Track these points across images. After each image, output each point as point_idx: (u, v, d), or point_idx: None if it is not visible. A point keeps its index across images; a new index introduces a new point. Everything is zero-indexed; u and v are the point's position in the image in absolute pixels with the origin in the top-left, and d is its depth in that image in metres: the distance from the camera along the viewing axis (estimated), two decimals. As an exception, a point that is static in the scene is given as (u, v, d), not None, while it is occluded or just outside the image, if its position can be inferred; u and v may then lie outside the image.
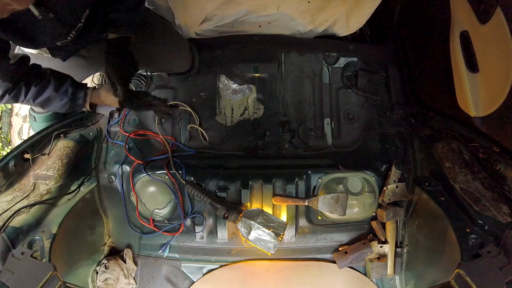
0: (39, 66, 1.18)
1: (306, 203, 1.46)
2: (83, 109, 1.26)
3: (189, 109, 1.63)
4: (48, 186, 1.33)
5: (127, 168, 1.51)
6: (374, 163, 1.57)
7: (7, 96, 1.12)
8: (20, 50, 1.35)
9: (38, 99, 1.16)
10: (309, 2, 1.65)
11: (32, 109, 1.65)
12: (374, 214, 1.53)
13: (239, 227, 1.37)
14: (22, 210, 1.18)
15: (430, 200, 1.35)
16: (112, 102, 1.26)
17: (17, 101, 1.16)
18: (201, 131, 1.62)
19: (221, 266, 1.52)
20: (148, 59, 1.39)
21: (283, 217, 1.48)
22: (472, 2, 1.21)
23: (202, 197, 1.40)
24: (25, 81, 1.13)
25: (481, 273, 0.97)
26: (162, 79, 1.69)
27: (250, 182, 1.47)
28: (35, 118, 1.63)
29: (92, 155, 1.57)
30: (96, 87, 1.30)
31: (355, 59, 1.74)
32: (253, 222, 1.34)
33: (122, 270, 1.49)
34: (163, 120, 1.61)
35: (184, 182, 1.42)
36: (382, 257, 1.51)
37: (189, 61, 1.58)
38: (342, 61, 1.74)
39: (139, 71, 1.68)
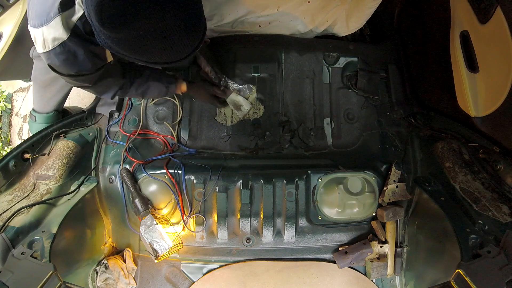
0: (136, 63, 1.35)
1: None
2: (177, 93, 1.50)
3: (177, 102, 1.64)
4: (48, 186, 1.33)
5: (127, 168, 1.51)
6: (374, 163, 1.57)
7: (119, 91, 1.33)
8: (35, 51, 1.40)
9: (140, 89, 1.38)
10: (309, 2, 1.65)
11: (34, 110, 1.65)
12: (374, 214, 1.53)
13: (142, 223, 1.43)
14: (22, 210, 1.18)
15: (430, 200, 1.35)
16: (205, 98, 1.58)
17: (125, 94, 1.37)
18: (171, 131, 1.62)
19: (221, 266, 1.52)
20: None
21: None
22: (472, 2, 1.21)
23: (129, 185, 1.45)
24: (129, 76, 1.35)
25: (481, 273, 0.97)
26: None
27: (250, 182, 1.47)
28: (35, 118, 1.64)
29: (92, 155, 1.57)
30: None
31: (355, 59, 1.74)
32: (155, 222, 1.44)
33: (122, 270, 1.49)
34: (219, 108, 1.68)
35: (122, 167, 1.49)
36: (382, 257, 1.51)
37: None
38: (342, 61, 1.74)
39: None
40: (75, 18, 0.94)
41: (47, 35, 0.92)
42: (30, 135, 1.48)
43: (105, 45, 0.87)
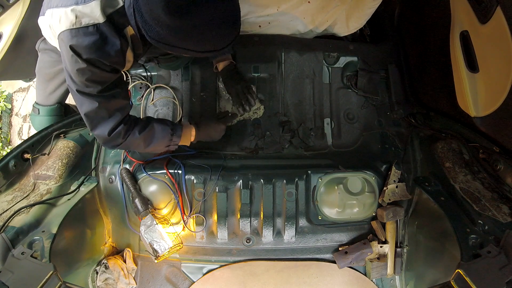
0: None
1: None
2: (179, 144, 1.39)
3: (176, 102, 1.63)
4: (48, 186, 1.33)
5: (127, 168, 1.51)
6: (374, 163, 1.57)
7: (121, 126, 1.19)
8: (42, 43, 1.42)
9: (144, 132, 1.25)
10: (309, 2, 1.65)
11: (37, 103, 1.66)
12: (374, 214, 1.53)
13: (142, 223, 1.42)
14: (22, 210, 1.18)
15: (430, 200, 1.35)
16: (217, 132, 1.47)
17: (126, 133, 1.22)
18: None
19: (221, 266, 1.52)
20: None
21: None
22: (472, 2, 1.21)
23: (128, 185, 1.44)
24: (133, 118, 1.26)
25: (481, 273, 0.97)
26: (162, 78, 1.69)
27: (250, 182, 1.47)
28: (38, 111, 1.65)
29: (92, 155, 1.57)
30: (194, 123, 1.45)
31: (355, 59, 1.74)
32: (155, 222, 1.43)
33: (122, 270, 1.49)
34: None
35: (122, 167, 1.48)
36: (382, 257, 1.51)
37: None
38: (342, 61, 1.74)
39: (139, 71, 1.68)
40: (113, 8, 0.98)
41: (81, 14, 0.94)
42: (31, 132, 1.48)
43: (156, 37, 0.91)
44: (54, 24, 0.99)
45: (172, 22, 0.85)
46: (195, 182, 1.47)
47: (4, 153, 2.67)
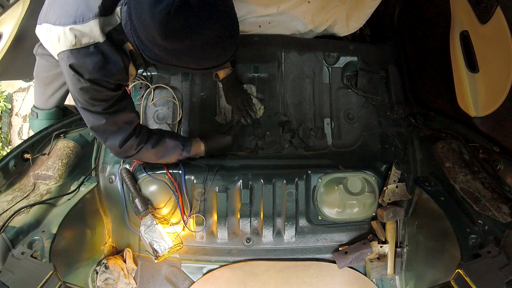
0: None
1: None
2: (192, 155, 1.43)
3: (176, 102, 1.63)
4: (48, 186, 1.33)
5: (127, 168, 1.51)
6: (374, 163, 1.57)
7: (133, 138, 1.21)
8: (40, 47, 1.42)
9: (156, 146, 1.29)
10: (309, 2, 1.65)
11: (35, 106, 1.66)
12: (374, 214, 1.53)
13: (142, 223, 1.42)
14: (22, 210, 1.18)
15: (430, 200, 1.35)
16: (225, 144, 1.49)
17: (139, 146, 1.24)
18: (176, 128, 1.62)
19: (221, 266, 1.52)
20: None
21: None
22: (472, 2, 1.21)
23: (129, 185, 1.44)
24: (145, 130, 1.28)
25: (481, 273, 0.97)
26: (162, 78, 1.69)
27: (250, 182, 1.47)
28: (37, 115, 1.65)
29: (92, 155, 1.57)
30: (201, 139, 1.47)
31: (355, 59, 1.74)
32: (155, 222, 1.43)
33: (122, 270, 1.49)
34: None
35: (122, 167, 1.47)
36: (382, 257, 1.51)
37: None
38: (342, 61, 1.75)
39: (139, 71, 1.68)
40: (111, 26, 0.96)
41: (80, 33, 0.92)
42: (31, 132, 1.48)
43: (153, 57, 0.91)
44: (53, 42, 0.97)
45: (170, 45, 0.84)
46: (195, 182, 1.47)
47: (4, 153, 2.67)
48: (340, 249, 1.51)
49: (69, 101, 1.87)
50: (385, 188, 1.50)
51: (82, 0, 0.92)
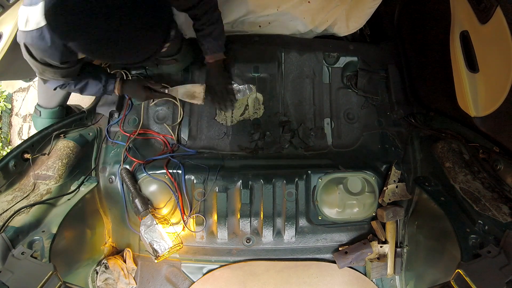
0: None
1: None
2: (114, 93, 1.47)
3: (177, 102, 1.63)
4: (48, 186, 1.33)
5: (127, 168, 1.51)
6: (374, 163, 1.57)
7: (60, 86, 1.33)
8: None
9: (78, 85, 1.37)
10: (309, 2, 1.65)
11: (39, 104, 1.67)
12: (374, 214, 1.53)
13: (142, 223, 1.43)
14: (22, 210, 1.18)
15: (430, 200, 1.35)
16: (137, 96, 1.53)
17: (63, 88, 1.36)
18: (170, 132, 1.62)
19: (221, 266, 1.52)
20: None
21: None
22: (472, 2, 1.21)
23: (129, 185, 1.45)
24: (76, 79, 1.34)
25: (481, 273, 0.97)
26: (162, 78, 1.69)
27: (250, 182, 1.47)
28: (40, 113, 1.66)
29: (92, 155, 1.57)
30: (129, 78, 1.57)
31: (355, 59, 1.74)
32: (155, 222, 1.44)
33: (122, 270, 1.49)
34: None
35: (122, 167, 1.49)
36: (382, 257, 1.51)
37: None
38: (342, 61, 1.75)
39: (139, 71, 1.68)
40: None
41: (31, 16, 0.96)
42: (31, 132, 1.49)
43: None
44: (19, 18, 1.02)
45: (67, 43, 0.85)
46: (195, 182, 1.47)
47: (4, 153, 2.67)
48: (340, 249, 1.51)
49: (71, 101, 1.88)
50: (385, 188, 1.49)
51: None
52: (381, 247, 1.50)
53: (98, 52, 0.88)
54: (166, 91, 1.54)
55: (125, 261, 1.53)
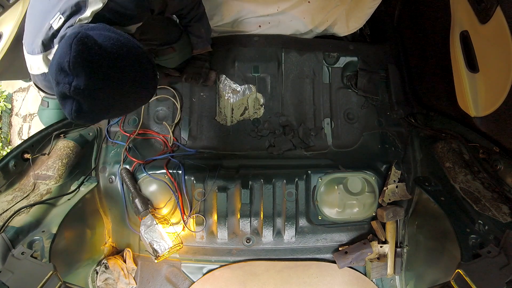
0: None
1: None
2: None
3: (177, 102, 1.63)
4: (48, 186, 1.33)
5: (127, 168, 1.51)
6: (374, 163, 1.57)
7: None
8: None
9: None
10: (309, 2, 1.65)
11: (46, 96, 1.66)
12: (374, 214, 1.53)
13: (142, 223, 1.43)
14: (22, 210, 1.18)
15: (430, 200, 1.35)
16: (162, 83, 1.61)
17: None
18: (170, 132, 1.61)
19: (221, 266, 1.52)
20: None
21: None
22: (472, 2, 1.21)
23: (129, 185, 1.45)
24: None
25: (481, 273, 0.97)
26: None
27: (250, 182, 1.47)
28: (47, 104, 1.65)
29: (92, 155, 1.57)
30: None
31: (355, 59, 1.74)
32: (155, 222, 1.44)
33: (122, 270, 1.49)
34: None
35: (122, 167, 1.49)
36: (382, 257, 1.51)
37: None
38: (342, 61, 1.74)
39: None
40: (51, 56, 1.06)
41: (33, 63, 1.05)
42: (31, 131, 1.49)
43: None
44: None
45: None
46: (195, 182, 1.47)
47: (4, 153, 2.67)
48: (340, 249, 1.51)
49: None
50: (385, 188, 1.50)
51: (34, 34, 1.02)
52: (381, 247, 1.50)
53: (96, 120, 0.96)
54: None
55: (125, 261, 1.53)
